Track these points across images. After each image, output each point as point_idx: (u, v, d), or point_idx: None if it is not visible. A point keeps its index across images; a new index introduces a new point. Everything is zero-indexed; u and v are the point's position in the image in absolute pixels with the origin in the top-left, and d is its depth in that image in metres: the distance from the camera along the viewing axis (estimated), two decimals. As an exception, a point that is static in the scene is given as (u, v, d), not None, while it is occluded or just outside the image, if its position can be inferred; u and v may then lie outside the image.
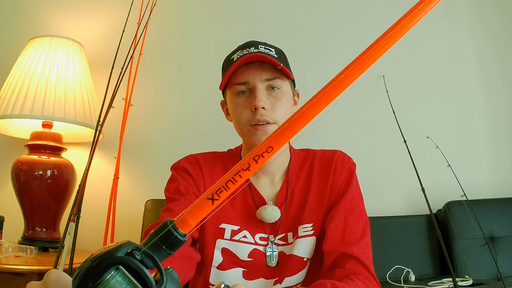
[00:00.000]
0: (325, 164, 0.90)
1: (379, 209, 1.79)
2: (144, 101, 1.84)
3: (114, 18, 1.91)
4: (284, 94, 0.84)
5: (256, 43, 0.86)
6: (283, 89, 0.85)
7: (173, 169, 0.90)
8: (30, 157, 1.50)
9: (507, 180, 1.88)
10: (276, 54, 0.85)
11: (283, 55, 0.89)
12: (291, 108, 0.87)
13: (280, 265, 0.84)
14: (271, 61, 0.81)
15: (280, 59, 0.84)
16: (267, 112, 0.81)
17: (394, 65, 1.94)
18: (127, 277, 0.29)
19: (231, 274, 0.83)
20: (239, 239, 0.84)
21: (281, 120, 0.82)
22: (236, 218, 0.86)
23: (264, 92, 0.82)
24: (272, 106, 0.82)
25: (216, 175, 0.89)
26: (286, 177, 0.90)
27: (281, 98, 0.83)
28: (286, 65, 0.86)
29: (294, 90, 0.92)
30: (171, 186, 0.86)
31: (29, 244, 1.41)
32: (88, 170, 1.32)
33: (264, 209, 0.84)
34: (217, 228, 0.85)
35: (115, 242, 0.32)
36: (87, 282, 0.29)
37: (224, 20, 1.97)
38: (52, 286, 0.35)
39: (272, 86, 0.83)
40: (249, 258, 0.84)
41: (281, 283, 0.83)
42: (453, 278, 1.29)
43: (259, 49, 0.83)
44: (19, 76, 1.50)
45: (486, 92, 1.97)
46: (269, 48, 0.85)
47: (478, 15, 2.03)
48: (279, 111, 0.82)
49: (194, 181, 0.86)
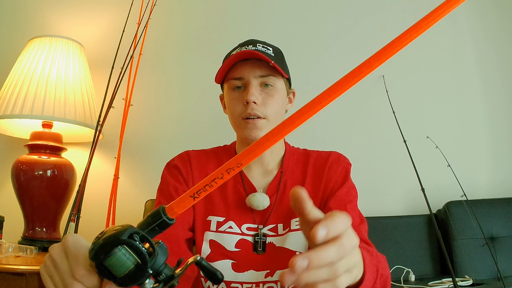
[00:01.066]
0: (321, 162, 0.92)
1: (379, 209, 1.79)
2: (144, 101, 1.84)
3: (114, 18, 1.91)
4: (277, 91, 0.88)
5: (255, 42, 0.90)
6: (277, 86, 0.88)
7: (166, 167, 0.94)
8: (30, 157, 1.50)
9: (507, 180, 1.88)
10: (273, 53, 0.89)
11: (280, 54, 0.93)
12: (283, 106, 0.91)
13: (270, 256, 0.84)
14: (264, 58, 0.84)
15: (276, 58, 0.88)
16: (258, 107, 0.85)
17: (394, 65, 1.94)
18: (128, 252, 0.40)
19: (220, 266, 0.83)
20: (225, 230, 0.86)
21: (272, 115, 0.86)
22: (223, 209, 0.88)
23: (257, 88, 0.86)
24: (264, 102, 0.86)
25: (209, 169, 0.92)
26: (280, 168, 0.92)
27: (274, 95, 0.87)
28: (281, 64, 0.89)
29: (289, 88, 0.95)
30: (163, 187, 0.91)
31: (29, 244, 1.41)
32: (88, 170, 1.32)
33: (253, 196, 0.86)
34: (205, 220, 0.87)
35: (120, 225, 0.42)
36: (100, 255, 0.40)
37: (224, 20, 1.97)
38: (70, 247, 0.45)
39: (266, 83, 0.87)
40: (236, 249, 0.84)
41: (272, 275, 0.83)
42: (453, 278, 1.29)
43: (257, 47, 0.87)
44: (19, 76, 1.50)
45: (486, 92, 1.97)
46: (267, 47, 0.89)
47: (478, 15, 2.03)
48: (270, 107, 0.86)
49: (183, 176, 0.90)
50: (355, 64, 0.37)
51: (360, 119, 1.91)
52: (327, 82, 0.37)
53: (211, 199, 0.89)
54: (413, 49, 1.96)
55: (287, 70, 0.93)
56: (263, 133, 0.84)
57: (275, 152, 0.93)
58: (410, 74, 1.95)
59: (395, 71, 1.93)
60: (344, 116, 1.90)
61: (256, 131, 0.86)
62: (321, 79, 1.90)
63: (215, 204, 0.88)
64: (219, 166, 0.40)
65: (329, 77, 1.91)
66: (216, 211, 0.88)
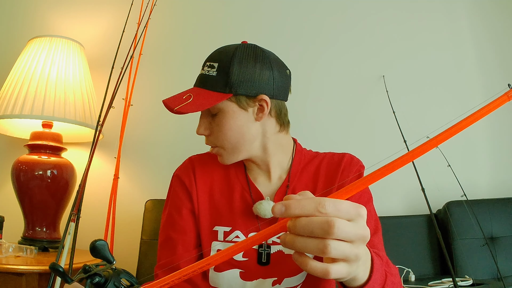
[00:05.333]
0: (334, 165, 0.89)
1: (379, 209, 1.77)
2: (144, 101, 1.84)
3: (114, 18, 1.91)
4: (224, 115, 0.81)
5: (206, 61, 0.85)
6: (224, 111, 0.81)
7: (172, 178, 0.94)
8: (30, 157, 1.50)
9: (507, 180, 1.88)
10: (217, 69, 0.81)
11: (226, 67, 0.81)
12: (242, 125, 0.82)
13: (277, 264, 0.83)
14: (178, 112, 0.79)
15: (218, 76, 0.80)
16: (210, 138, 0.85)
17: (394, 65, 1.94)
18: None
19: (228, 276, 0.83)
20: (232, 240, 0.84)
21: (224, 144, 0.83)
22: (229, 218, 0.86)
23: (205, 120, 0.85)
24: (212, 132, 0.84)
25: (215, 173, 0.91)
26: (287, 175, 0.89)
27: (219, 122, 0.82)
28: (220, 83, 0.80)
29: (250, 99, 0.82)
30: (168, 196, 0.93)
31: (29, 244, 1.41)
32: (88, 170, 1.32)
33: (260, 204, 0.84)
34: (211, 231, 0.86)
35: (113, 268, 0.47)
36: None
37: (224, 20, 1.97)
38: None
39: (212, 113, 0.84)
40: (243, 258, 0.83)
41: (280, 283, 0.82)
42: (453, 278, 1.29)
43: (203, 70, 0.84)
44: (19, 76, 1.50)
45: (487, 92, 1.97)
46: (213, 64, 0.82)
47: (479, 15, 2.03)
48: (216, 136, 0.83)
49: (187, 188, 0.90)
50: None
51: (360, 119, 1.91)
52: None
53: (217, 209, 0.87)
54: (413, 49, 1.97)
55: (236, 82, 0.79)
56: (225, 159, 0.85)
57: (278, 161, 0.90)
58: (410, 74, 1.95)
59: (395, 71, 1.93)
60: (344, 116, 1.90)
61: (221, 159, 0.86)
62: (322, 78, 1.90)
63: (221, 214, 0.87)
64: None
65: (331, 75, 1.91)
66: (222, 221, 0.86)
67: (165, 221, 0.90)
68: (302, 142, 0.98)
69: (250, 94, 0.81)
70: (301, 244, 0.41)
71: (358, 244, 0.43)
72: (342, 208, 0.41)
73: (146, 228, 1.55)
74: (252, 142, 0.85)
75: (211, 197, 0.89)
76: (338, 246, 0.40)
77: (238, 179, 0.90)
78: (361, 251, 0.43)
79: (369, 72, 1.93)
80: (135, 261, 1.52)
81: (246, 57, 0.82)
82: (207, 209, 0.88)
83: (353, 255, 0.42)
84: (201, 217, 0.87)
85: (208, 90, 0.81)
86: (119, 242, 1.61)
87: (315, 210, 0.40)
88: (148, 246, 1.52)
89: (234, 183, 0.89)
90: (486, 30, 2.03)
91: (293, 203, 0.41)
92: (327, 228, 0.39)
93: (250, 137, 0.84)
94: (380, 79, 1.90)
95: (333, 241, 0.40)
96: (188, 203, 0.89)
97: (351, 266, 0.43)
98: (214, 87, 0.81)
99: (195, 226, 0.88)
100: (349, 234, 0.41)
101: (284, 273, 0.82)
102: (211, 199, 0.89)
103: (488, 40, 2.02)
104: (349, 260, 0.43)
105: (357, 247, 0.42)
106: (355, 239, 0.42)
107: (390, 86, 1.87)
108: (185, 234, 0.87)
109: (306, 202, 0.40)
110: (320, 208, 0.40)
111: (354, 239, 0.41)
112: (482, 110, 0.41)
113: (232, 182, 0.90)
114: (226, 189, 0.89)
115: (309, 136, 1.80)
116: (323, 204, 0.40)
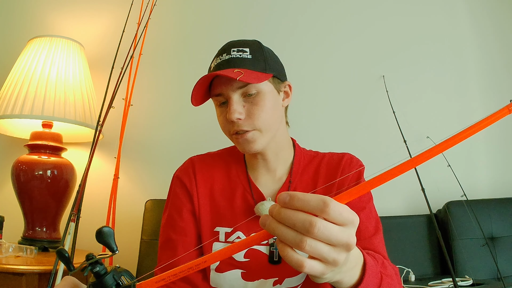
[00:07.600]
0: (333, 165, 0.89)
1: (379, 209, 1.76)
2: (144, 101, 1.84)
3: (114, 18, 1.91)
4: (263, 96, 0.80)
5: (230, 47, 0.83)
6: (262, 91, 0.80)
7: (173, 178, 0.94)
8: (30, 157, 1.50)
9: (507, 180, 1.88)
10: (250, 54, 0.81)
11: (259, 51, 0.83)
12: (276, 107, 0.84)
13: (280, 264, 0.83)
14: (230, 76, 0.75)
15: (254, 59, 0.81)
16: (244, 121, 0.80)
17: (394, 65, 1.94)
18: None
19: (230, 276, 0.83)
20: (233, 241, 0.84)
21: (263, 124, 0.80)
22: (231, 219, 0.86)
23: (239, 102, 0.80)
24: (250, 114, 0.80)
25: (216, 175, 0.90)
26: (288, 175, 0.89)
27: (259, 103, 0.80)
28: (260, 64, 0.81)
29: (281, 83, 0.86)
30: (168, 197, 0.92)
31: (29, 244, 1.41)
32: (88, 170, 1.32)
33: (261, 205, 0.84)
34: (213, 231, 0.86)
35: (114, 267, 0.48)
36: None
37: (223, 19, 1.97)
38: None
39: (248, 93, 0.80)
40: (245, 259, 0.83)
41: (281, 283, 0.82)
42: (453, 278, 1.29)
43: (231, 54, 0.80)
44: (19, 76, 1.50)
45: (487, 92, 1.97)
46: (243, 49, 0.81)
47: (481, 15, 2.03)
48: (257, 117, 0.79)
49: (187, 189, 0.89)
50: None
51: (360, 119, 1.91)
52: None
53: (218, 209, 0.87)
54: (413, 49, 1.97)
55: (271, 66, 0.83)
56: (258, 144, 0.81)
57: (283, 158, 0.90)
58: (410, 74, 1.95)
59: (395, 71, 1.93)
60: (344, 116, 1.90)
61: (248, 145, 0.81)
62: (321, 78, 1.90)
63: (222, 214, 0.87)
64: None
65: (330, 75, 1.91)
66: (224, 222, 0.86)
67: (165, 222, 0.90)
68: (301, 142, 0.98)
69: (282, 78, 0.87)
70: (280, 232, 0.41)
71: (340, 250, 0.42)
72: (343, 212, 0.41)
73: (146, 228, 1.55)
74: (278, 126, 0.86)
75: (212, 197, 0.89)
76: (315, 245, 0.40)
77: (240, 180, 0.90)
78: (342, 257, 0.42)
79: (369, 72, 1.93)
80: (135, 261, 1.52)
81: (267, 47, 0.87)
82: (208, 210, 0.88)
83: (331, 259, 0.41)
84: (201, 218, 0.87)
85: (249, 70, 0.79)
86: (119, 242, 1.59)
87: (318, 207, 0.40)
88: (148, 246, 1.52)
89: (235, 183, 0.89)
90: (488, 30, 2.03)
91: (299, 194, 0.41)
92: (308, 227, 0.39)
93: (279, 120, 0.86)
94: (380, 79, 1.90)
95: (311, 239, 0.40)
96: (188, 204, 0.88)
97: (328, 268, 0.43)
98: (255, 67, 0.80)
99: (196, 227, 0.88)
100: (331, 237, 0.40)
101: (285, 273, 0.82)
102: (212, 200, 0.89)
103: (490, 40, 2.02)
104: (326, 262, 0.42)
105: (337, 253, 0.42)
106: (337, 244, 0.41)
107: (390, 86, 1.87)
108: (186, 236, 0.87)
109: (312, 197, 0.40)
110: (324, 207, 0.40)
111: (336, 243, 0.41)
112: (482, 122, 0.43)
113: (233, 183, 0.90)
114: (227, 189, 0.89)
115: (309, 136, 1.80)
116: (328, 204, 0.40)
